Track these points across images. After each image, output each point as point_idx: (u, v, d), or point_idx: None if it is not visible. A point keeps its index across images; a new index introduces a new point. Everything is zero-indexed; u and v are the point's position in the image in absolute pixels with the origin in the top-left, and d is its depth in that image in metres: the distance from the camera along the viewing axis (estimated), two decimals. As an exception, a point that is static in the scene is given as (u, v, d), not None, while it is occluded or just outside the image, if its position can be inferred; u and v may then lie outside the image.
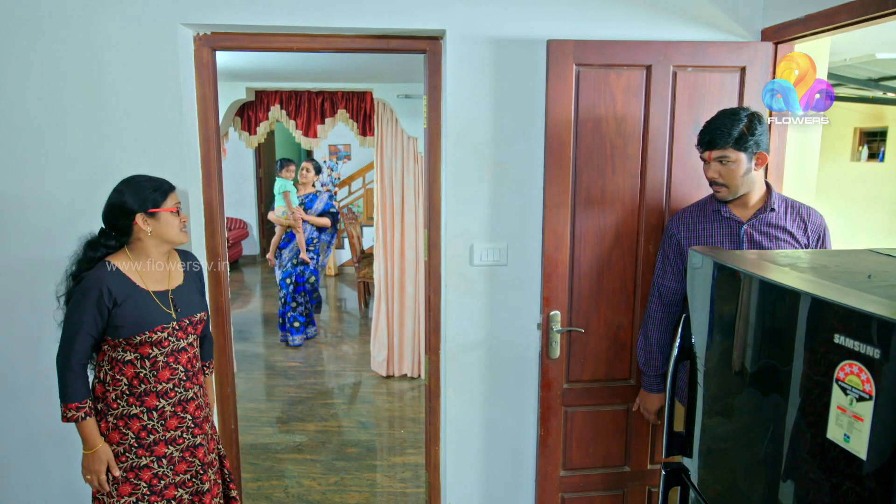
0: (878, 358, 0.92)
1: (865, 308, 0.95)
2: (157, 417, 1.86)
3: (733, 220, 1.97)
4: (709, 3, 2.27)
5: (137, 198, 1.80)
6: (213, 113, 2.32)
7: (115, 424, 1.83)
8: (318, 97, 4.73)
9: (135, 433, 1.84)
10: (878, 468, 0.95)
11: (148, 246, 1.85)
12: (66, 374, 1.76)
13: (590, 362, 2.35)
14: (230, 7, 2.15)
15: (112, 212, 1.81)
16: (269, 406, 4.29)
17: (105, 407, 1.83)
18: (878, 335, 0.93)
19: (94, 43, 2.13)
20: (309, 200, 5.35)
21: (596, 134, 2.21)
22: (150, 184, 1.83)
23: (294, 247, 5.32)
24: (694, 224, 2.04)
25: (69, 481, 2.39)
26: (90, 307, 1.75)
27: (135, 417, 1.83)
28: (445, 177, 2.33)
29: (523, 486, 2.53)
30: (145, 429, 1.85)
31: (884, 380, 0.92)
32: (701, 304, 1.52)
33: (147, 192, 1.81)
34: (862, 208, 2.88)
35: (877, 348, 0.92)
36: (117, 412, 1.83)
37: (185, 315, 1.91)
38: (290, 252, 5.36)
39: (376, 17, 2.19)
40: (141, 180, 1.83)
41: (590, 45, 2.14)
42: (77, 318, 1.75)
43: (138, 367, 1.82)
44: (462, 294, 2.40)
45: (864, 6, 1.81)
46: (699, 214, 2.05)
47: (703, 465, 1.54)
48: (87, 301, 1.74)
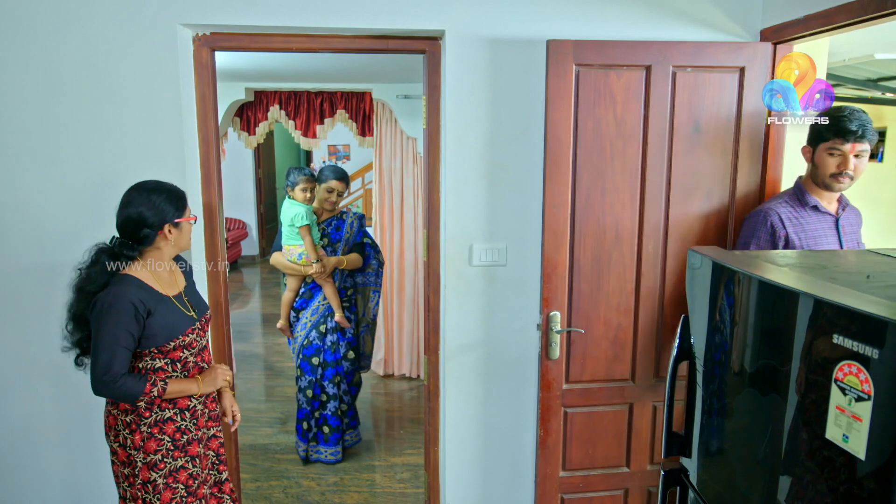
0: (877, 358, 0.92)
1: (864, 308, 0.95)
2: (189, 417, 1.87)
3: (829, 214, 2.01)
4: (708, 4, 2.27)
5: (165, 208, 1.79)
6: (212, 113, 2.32)
7: (149, 433, 1.81)
8: (318, 97, 4.73)
9: (170, 436, 1.84)
10: (877, 468, 0.95)
11: (164, 254, 1.85)
12: (117, 385, 1.71)
13: (589, 363, 2.35)
14: (229, 7, 2.15)
15: (138, 223, 1.76)
16: (269, 406, 4.29)
17: (137, 418, 1.80)
18: (877, 335, 0.93)
19: (92, 43, 2.13)
20: (333, 228, 3.44)
21: (596, 134, 2.21)
22: (172, 192, 1.83)
23: (319, 305, 3.40)
24: (798, 220, 2.02)
25: (70, 484, 2.39)
26: (125, 322, 1.70)
27: (169, 420, 1.84)
28: (445, 177, 2.33)
29: (523, 486, 2.53)
30: (179, 430, 1.86)
31: (882, 380, 0.92)
32: (700, 304, 1.52)
33: (173, 201, 1.82)
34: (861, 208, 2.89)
35: (875, 349, 0.92)
36: (150, 420, 1.81)
37: (200, 314, 1.95)
38: (313, 314, 3.41)
39: (375, 17, 2.19)
40: (162, 189, 1.82)
41: (589, 46, 2.14)
42: (113, 336, 1.70)
43: (169, 372, 1.83)
44: (461, 294, 2.40)
45: (862, 6, 1.81)
46: (799, 210, 2.03)
47: (702, 465, 1.54)
48: (123, 317, 1.70)
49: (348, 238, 3.45)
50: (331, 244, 3.41)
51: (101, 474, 2.31)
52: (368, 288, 3.57)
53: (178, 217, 1.83)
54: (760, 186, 2.31)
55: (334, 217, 3.47)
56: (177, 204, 1.83)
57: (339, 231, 3.45)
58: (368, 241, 3.54)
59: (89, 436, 2.32)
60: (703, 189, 2.29)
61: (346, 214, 3.50)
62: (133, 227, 1.77)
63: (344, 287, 3.46)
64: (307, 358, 3.41)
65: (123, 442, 1.81)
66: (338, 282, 3.42)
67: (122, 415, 1.81)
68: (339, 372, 3.45)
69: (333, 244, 3.41)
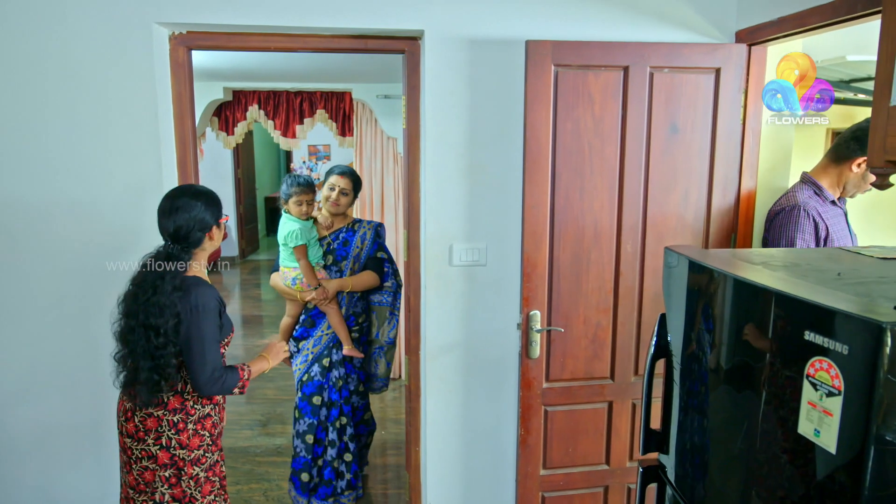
0: (847, 354, 0.94)
1: (834, 305, 0.97)
2: (218, 411, 1.97)
3: (841, 209, 2.24)
4: (685, 6, 2.29)
5: (215, 210, 1.89)
6: (189, 113, 2.30)
7: (195, 430, 1.87)
8: (297, 97, 4.70)
9: (209, 431, 1.91)
10: (848, 462, 0.96)
11: (205, 255, 1.94)
12: (224, 380, 1.83)
13: (569, 361, 2.36)
14: (206, 6, 2.12)
15: (193, 225, 1.83)
16: (249, 409, 4.25)
17: (185, 416, 1.85)
18: (847, 332, 0.94)
19: (66, 42, 2.10)
20: (340, 242, 2.91)
21: (574, 134, 2.22)
22: (211, 196, 1.91)
23: (323, 335, 2.88)
24: (828, 215, 2.17)
25: (77, 485, 2.37)
26: (216, 320, 1.82)
27: (208, 416, 1.91)
28: (425, 177, 2.33)
29: (504, 485, 2.54)
30: (214, 424, 1.93)
31: (852, 375, 0.94)
32: (677, 302, 1.53)
33: (214, 203, 1.90)
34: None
35: (845, 344, 0.94)
36: (195, 416, 1.87)
37: None
38: (315, 345, 2.89)
39: (354, 16, 2.18)
40: (201, 193, 1.89)
41: (568, 46, 2.16)
42: (213, 335, 1.81)
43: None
44: (442, 295, 2.40)
45: (834, 9, 1.84)
46: (822, 204, 2.18)
47: (679, 461, 1.56)
48: (214, 316, 1.82)
49: (359, 254, 2.89)
50: (336, 262, 2.88)
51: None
52: (385, 308, 2.98)
53: (220, 217, 1.92)
54: (737, 186, 2.34)
55: (343, 228, 2.91)
56: (217, 205, 1.92)
57: (348, 246, 2.88)
58: (385, 255, 2.96)
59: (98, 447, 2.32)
60: (681, 188, 2.31)
61: (360, 225, 2.94)
62: (187, 232, 1.83)
63: (354, 313, 2.91)
64: (307, 397, 2.87)
65: (167, 444, 1.83)
66: (345, 307, 2.87)
67: (168, 415, 1.83)
68: (348, 414, 2.93)
69: (339, 262, 2.88)
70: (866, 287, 1.15)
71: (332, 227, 2.92)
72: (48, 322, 2.25)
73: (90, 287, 2.22)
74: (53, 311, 2.25)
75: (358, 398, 3.00)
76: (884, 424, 0.91)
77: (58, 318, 2.25)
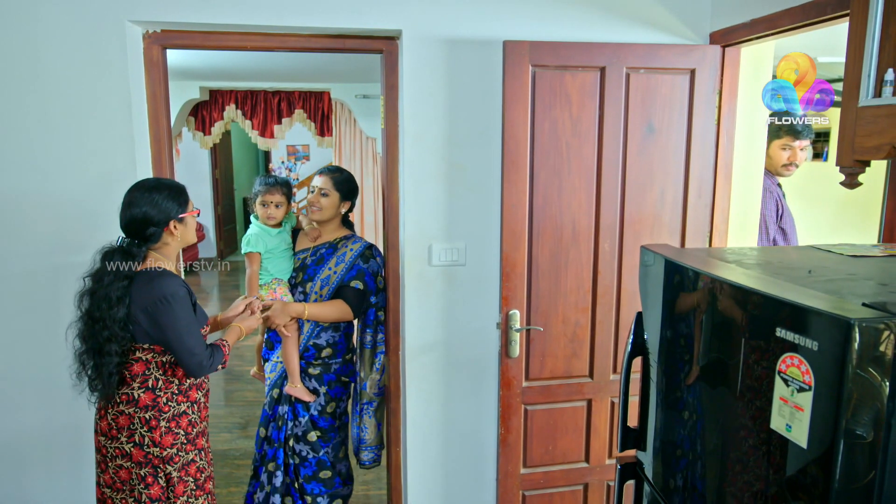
0: (816, 350, 0.96)
1: (804, 302, 0.99)
2: (197, 410, 1.93)
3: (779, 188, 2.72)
4: (660, 7, 2.32)
5: (169, 205, 1.82)
6: (164, 112, 2.27)
7: (167, 427, 1.84)
8: (275, 97, 4.66)
9: (184, 430, 1.88)
10: (819, 456, 0.98)
11: (172, 250, 1.90)
12: (212, 360, 1.84)
13: (548, 360, 2.38)
14: (181, 5, 2.10)
15: (143, 222, 1.78)
16: (228, 411, 4.21)
17: (157, 413, 1.82)
18: (816, 328, 0.96)
19: (37, 40, 2.06)
20: (314, 259, 2.46)
21: (552, 134, 2.23)
22: (174, 189, 1.85)
23: (277, 363, 2.53)
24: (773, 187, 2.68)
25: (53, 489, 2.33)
26: (188, 306, 1.81)
27: (183, 414, 1.88)
28: (403, 177, 2.33)
29: (485, 484, 2.55)
30: (191, 423, 1.90)
31: (822, 371, 0.96)
32: (653, 300, 1.55)
33: (175, 197, 1.84)
34: (807, 206, 3.01)
35: (815, 341, 0.96)
36: (168, 415, 1.85)
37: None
38: (272, 370, 2.57)
39: (332, 16, 2.17)
40: (163, 186, 1.83)
41: (545, 47, 2.17)
42: (189, 320, 1.80)
43: None
44: (421, 294, 2.39)
45: (804, 12, 1.88)
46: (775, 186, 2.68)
47: (656, 458, 1.57)
48: (186, 301, 1.80)
49: (328, 277, 2.39)
50: (302, 283, 2.43)
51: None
52: (366, 350, 2.54)
53: (182, 213, 1.85)
54: (712, 185, 2.38)
55: (326, 244, 2.47)
56: (179, 200, 1.85)
57: (321, 264, 2.43)
58: (361, 286, 2.41)
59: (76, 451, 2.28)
60: (657, 188, 2.34)
61: (345, 242, 2.45)
62: (138, 227, 1.79)
63: (314, 345, 2.44)
64: (259, 425, 2.59)
65: (140, 441, 1.81)
66: (306, 336, 2.43)
67: (140, 412, 1.80)
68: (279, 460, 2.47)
69: (304, 283, 2.42)
70: (836, 284, 1.17)
71: (319, 238, 2.50)
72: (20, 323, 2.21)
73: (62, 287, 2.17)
74: (26, 312, 2.21)
75: (308, 448, 2.47)
76: (853, 419, 0.93)
77: (31, 318, 2.21)
